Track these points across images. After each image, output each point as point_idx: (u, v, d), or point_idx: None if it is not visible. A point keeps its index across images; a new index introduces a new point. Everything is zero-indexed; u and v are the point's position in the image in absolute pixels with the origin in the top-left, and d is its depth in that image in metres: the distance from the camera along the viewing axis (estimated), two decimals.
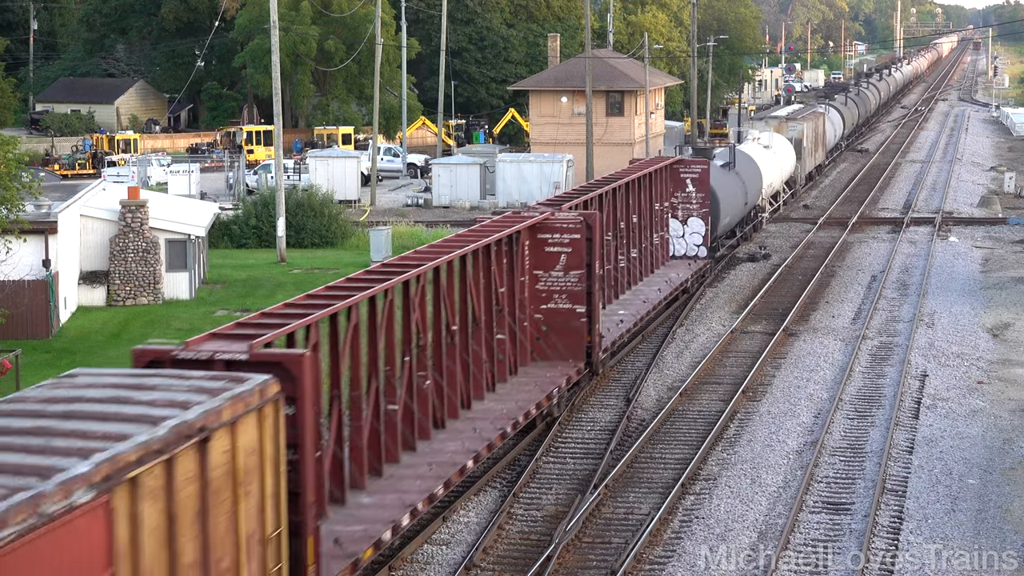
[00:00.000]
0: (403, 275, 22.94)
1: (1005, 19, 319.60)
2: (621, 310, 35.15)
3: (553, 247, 29.98)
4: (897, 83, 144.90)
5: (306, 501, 16.74)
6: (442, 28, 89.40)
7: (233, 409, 14.57)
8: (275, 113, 53.34)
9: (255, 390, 15.12)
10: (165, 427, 13.32)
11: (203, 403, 14.23)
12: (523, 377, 28.25)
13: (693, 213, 43.47)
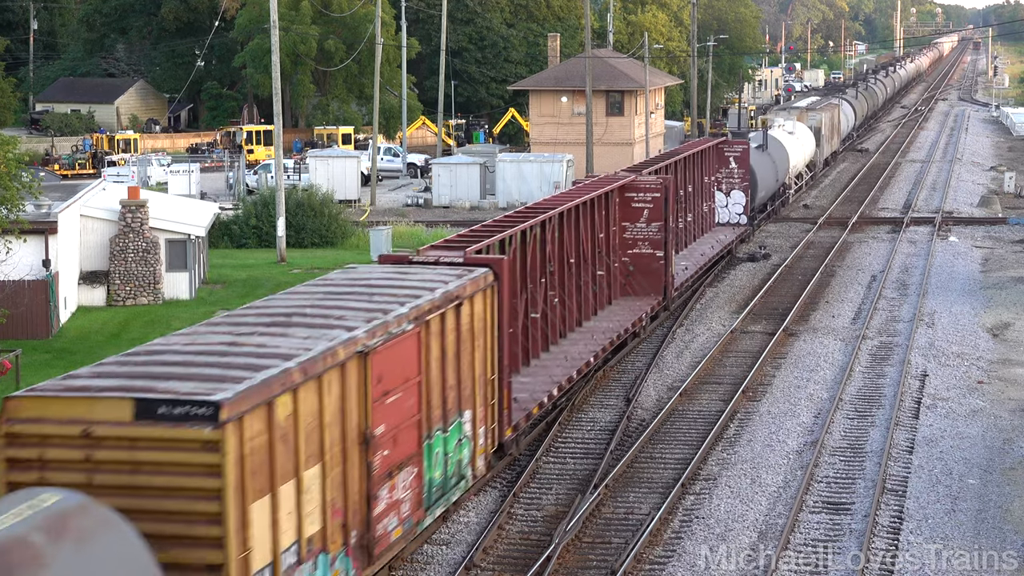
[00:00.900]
0: (540, 216, 29.99)
1: (1005, 19, 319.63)
2: (683, 262, 42.10)
3: (638, 204, 36.97)
4: (902, 79, 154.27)
5: (504, 361, 23.57)
6: (442, 28, 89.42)
7: (472, 287, 21.93)
8: (275, 113, 53.34)
9: (482, 277, 22.53)
10: (437, 294, 20.77)
11: (454, 282, 21.55)
12: (616, 307, 35.43)
13: (735, 186, 50.99)
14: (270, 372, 15.89)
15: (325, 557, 16.96)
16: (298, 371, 16.30)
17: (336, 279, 22.55)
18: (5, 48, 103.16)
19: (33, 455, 15.03)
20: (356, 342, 17.88)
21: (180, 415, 14.79)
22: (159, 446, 14.87)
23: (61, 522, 12.89)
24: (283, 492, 15.87)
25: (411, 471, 19.60)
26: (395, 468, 19.05)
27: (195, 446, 14.77)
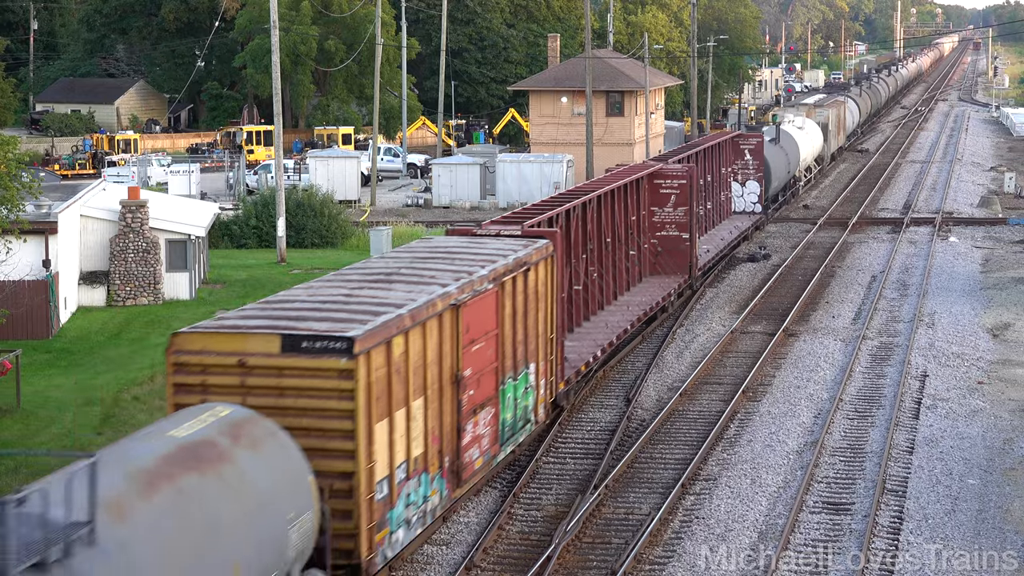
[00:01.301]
0: (581, 199, 33.22)
1: (1005, 19, 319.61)
2: (704, 246, 45.01)
3: (665, 190, 40.35)
4: (904, 78, 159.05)
5: (559, 321, 26.77)
6: (442, 28, 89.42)
7: (536, 255, 25.27)
8: (275, 113, 53.33)
9: (543, 247, 25.83)
10: (510, 259, 24.05)
11: (522, 250, 24.97)
12: (646, 284, 38.82)
13: (750, 177, 54.51)
14: (387, 316, 19.28)
15: (426, 476, 20.47)
16: (408, 317, 19.69)
17: (418, 247, 26.24)
18: (5, 48, 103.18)
19: (196, 381, 18.31)
20: (450, 296, 21.25)
21: (320, 348, 18.08)
22: (302, 374, 18.06)
23: (237, 429, 16.25)
24: (397, 417, 19.25)
25: (490, 411, 23.00)
26: (478, 407, 22.43)
27: (332, 374, 18.00)
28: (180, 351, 18.51)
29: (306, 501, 16.79)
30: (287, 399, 18.09)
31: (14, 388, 30.06)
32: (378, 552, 18.77)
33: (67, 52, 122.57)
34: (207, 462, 15.17)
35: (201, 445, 15.38)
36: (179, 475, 14.64)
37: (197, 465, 14.99)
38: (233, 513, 15.20)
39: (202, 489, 14.82)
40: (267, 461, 16.27)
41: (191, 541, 14.27)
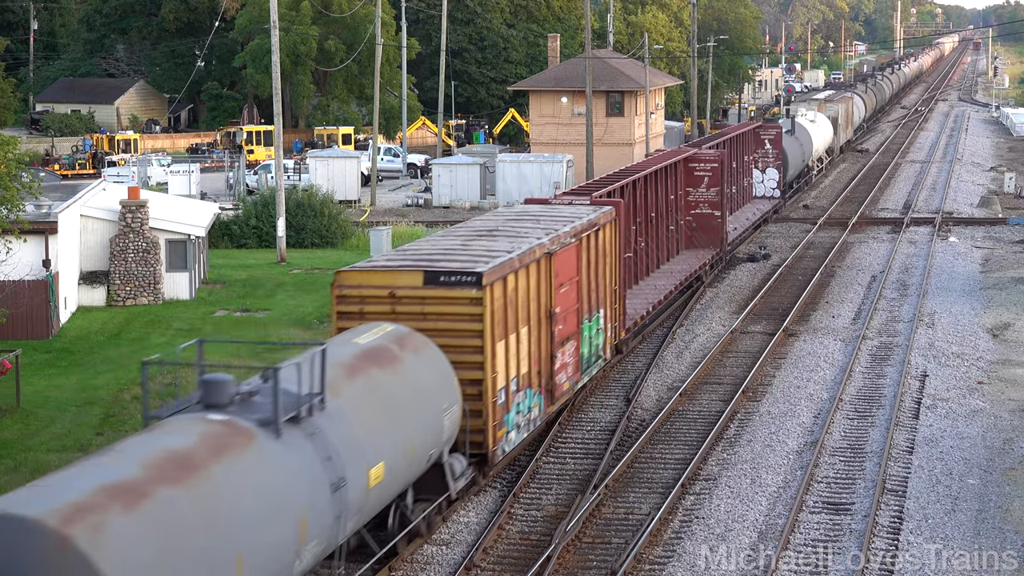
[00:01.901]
0: (630, 178, 37.98)
1: (1005, 19, 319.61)
2: (731, 224, 49.43)
3: (699, 172, 45.09)
4: (906, 77, 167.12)
5: (621, 276, 31.11)
6: (442, 28, 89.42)
7: (604, 218, 29.62)
8: (275, 113, 53.33)
9: (609, 212, 30.30)
10: (585, 220, 28.36)
11: (593, 214, 29.39)
12: (684, 255, 43.42)
13: (770, 165, 59.69)
14: (502, 259, 23.72)
15: (530, 391, 24.80)
16: (517, 260, 24.12)
17: (506, 211, 32.05)
18: (5, 48, 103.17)
19: (356, 308, 22.74)
20: (544, 247, 25.63)
21: (455, 281, 22.52)
22: (440, 302, 22.51)
23: (402, 340, 20.91)
24: (511, 339, 23.64)
25: (573, 344, 27.22)
26: (565, 339, 26.60)
27: (465, 301, 22.45)
28: (342, 286, 22.99)
29: (453, 397, 21.47)
30: (428, 322, 22.35)
31: (14, 388, 30.06)
32: (499, 446, 23.18)
33: (67, 52, 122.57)
34: (385, 361, 20.12)
35: (379, 349, 20.35)
36: (368, 368, 19.58)
37: (379, 362, 19.93)
38: (406, 398, 19.92)
39: (384, 379, 19.66)
40: (425, 363, 21.02)
41: (379, 414, 19.03)
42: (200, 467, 14.88)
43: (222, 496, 14.95)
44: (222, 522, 14.74)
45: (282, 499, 15.91)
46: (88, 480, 13.76)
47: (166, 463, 14.61)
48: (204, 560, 14.18)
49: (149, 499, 13.90)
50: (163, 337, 37.45)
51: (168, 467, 14.55)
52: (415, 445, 19.90)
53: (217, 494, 14.87)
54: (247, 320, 39.58)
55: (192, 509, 14.32)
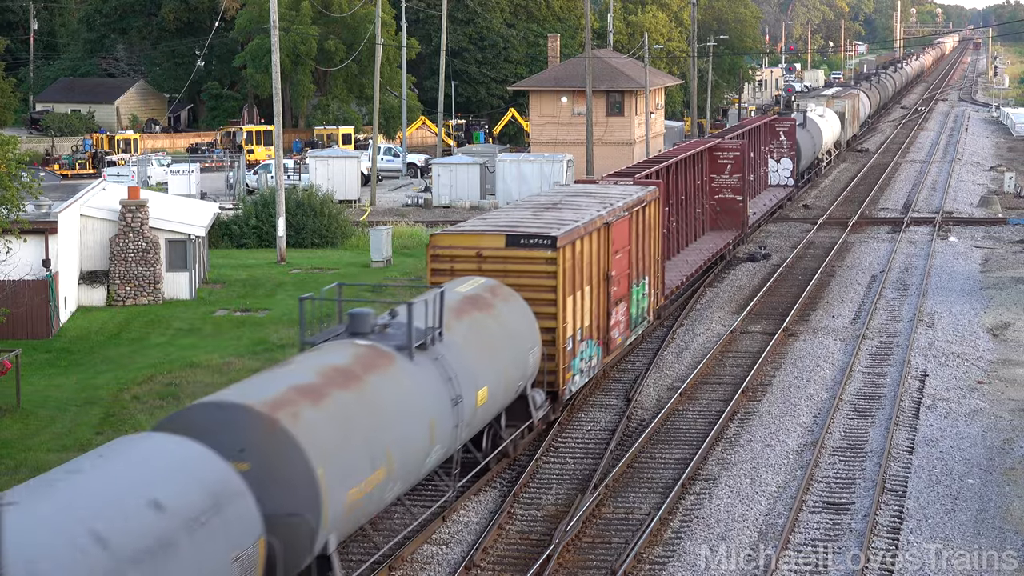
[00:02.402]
0: (665, 163, 42.29)
1: (1005, 19, 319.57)
2: (749, 210, 52.74)
3: (723, 160, 49.50)
4: (908, 75, 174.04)
5: (661, 249, 35.33)
6: (442, 28, 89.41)
7: (649, 196, 33.38)
8: (275, 113, 53.33)
9: (654, 190, 34.20)
10: (634, 197, 32.18)
11: (640, 192, 33.09)
12: (709, 236, 47.74)
13: (784, 155, 64.32)
14: (570, 226, 27.58)
15: (591, 342, 28.71)
16: (582, 228, 27.99)
17: (564, 189, 36.99)
18: (5, 48, 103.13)
19: (447, 266, 26.81)
20: (603, 218, 29.50)
21: (533, 243, 26.55)
22: (520, 261, 26.50)
23: (493, 290, 25.16)
24: (576, 296, 27.50)
25: (624, 305, 31.24)
26: (619, 300, 30.66)
27: (542, 261, 26.47)
28: (436, 246, 27.18)
29: (535, 339, 25.45)
30: (509, 278, 26.13)
31: (14, 388, 30.06)
32: (567, 386, 27.12)
33: (67, 52, 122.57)
34: (483, 306, 24.31)
35: (476, 297, 24.52)
36: (471, 311, 23.81)
37: (478, 307, 24.15)
38: (501, 336, 24.12)
39: (483, 320, 23.87)
40: (513, 310, 25.12)
41: (482, 348, 23.13)
42: (359, 377, 19.31)
43: (377, 400, 19.34)
44: (378, 419, 19.13)
45: (418, 407, 20.36)
46: (280, 383, 18.22)
47: (334, 373, 19.04)
48: (367, 447, 18.58)
49: (327, 398, 18.26)
50: (163, 337, 37.46)
51: (336, 376, 18.92)
52: (508, 376, 24.10)
53: (373, 398, 19.27)
54: (247, 320, 39.58)
55: (357, 407, 18.75)
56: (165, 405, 29.34)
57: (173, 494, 14.84)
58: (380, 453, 18.86)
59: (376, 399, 19.36)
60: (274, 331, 37.49)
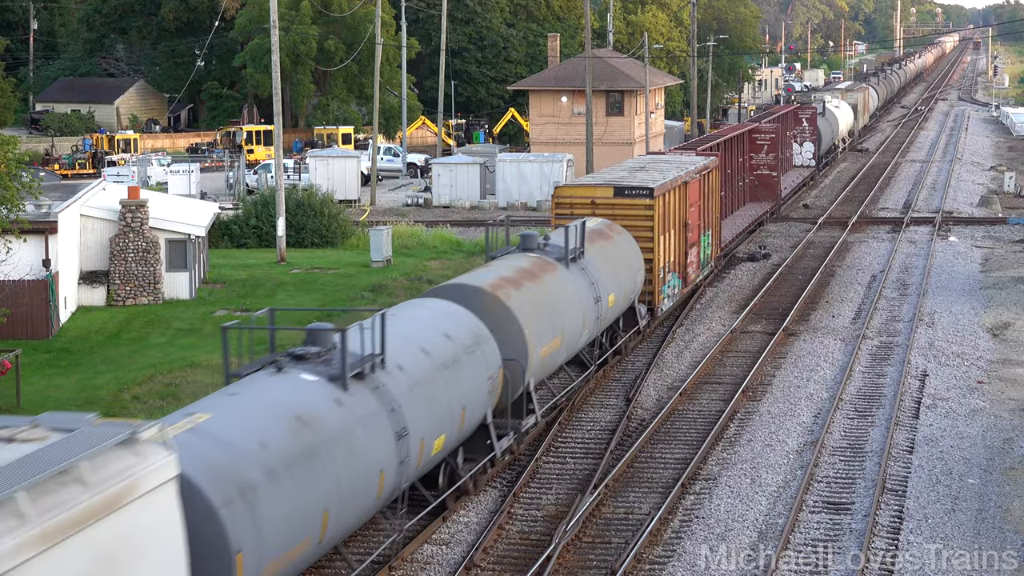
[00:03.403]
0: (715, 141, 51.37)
1: (1005, 19, 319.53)
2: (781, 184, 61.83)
3: (760, 141, 59.42)
4: (912, 72, 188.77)
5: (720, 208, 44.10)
6: (442, 28, 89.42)
7: (711, 164, 41.91)
8: (275, 113, 53.33)
9: (715, 160, 43.15)
10: (701, 164, 40.55)
11: (705, 160, 42.03)
12: (749, 206, 57.24)
13: (806, 139, 73.22)
14: (660, 182, 35.42)
15: (674, 274, 36.65)
16: (668, 184, 35.85)
17: (646, 157, 45.56)
18: (5, 48, 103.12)
19: (567, 211, 34.55)
20: (682, 177, 37.52)
21: (635, 193, 34.48)
22: (625, 207, 34.46)
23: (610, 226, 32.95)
24: (665, 237, 35.39)
25: (696, 249, 39.43)
26: (692, 244, 38.84)
27: (642, 207, 34.37)
28: (559, 196, 35.63)
29: (640, 265, 33.47)
30: (616, 221, 33.77)
31: (14, 388, 30.07)
32: (659, 306, 35.38)
33: (67, 52, 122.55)
34: (605, 236, 32.09)
35: (599, 230, 32.06)
36: (598, 239, 31.28)
37: (603, 236, 31.92)
38: (619, 257, 31.90)
39: (607, 245, 31.66)
40: (625, 241, 33.09)
41: (609, 264, 30.86)
42: (537, 275, 27.17)
43: (550, 291, 27.12)
44: (553, 304, 26.96)
45: (574, 301, 28.13)
46: (492, 275, 26.17)
47: (522, 271, 26.97)
48: (549, 321, 26.31)
49: (523, 286, 26.17)
50: (163, 337, 37.47)
51: (524, 273, 26.93)
52: (625, 288, 31.91)
53: (548, 289, 27.11)
54: (247, 320, 39.52)
55: (540, 294, 26.51)
56: (165, 405, 29.34)
57: (454, 331, 22.61)
58: (557, 327, 26.72)
59: (550, 290, 27.15)
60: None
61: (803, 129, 72.67)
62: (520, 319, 24.63)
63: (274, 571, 15.74)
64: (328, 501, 16.99)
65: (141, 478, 12.57)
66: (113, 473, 12.20)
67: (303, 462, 16.56)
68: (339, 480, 17.30)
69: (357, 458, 17.96)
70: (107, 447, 12.32)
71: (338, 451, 17.47)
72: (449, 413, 21.41)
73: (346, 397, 18.26)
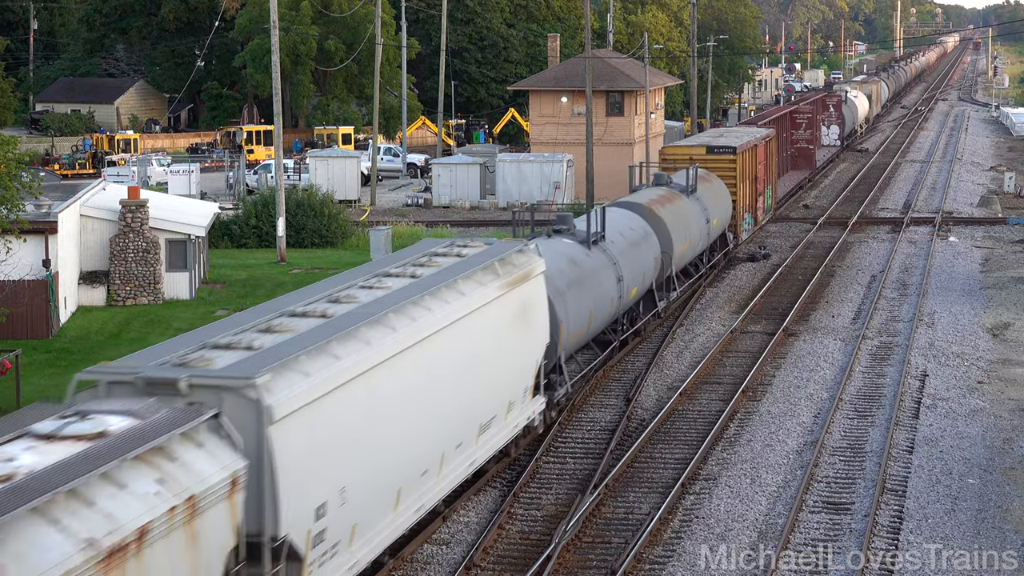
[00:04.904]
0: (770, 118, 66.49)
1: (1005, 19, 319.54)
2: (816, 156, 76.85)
3: (799, 120, 74.72)
4: (917, 68, 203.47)
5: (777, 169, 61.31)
6: (442, 28, 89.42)
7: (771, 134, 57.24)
8: (275, 113, 53.34)
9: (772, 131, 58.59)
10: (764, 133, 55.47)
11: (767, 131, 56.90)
12: (790, 173, 70.64)
13: (833, 123, 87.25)
14: (739, 144, 48.02)
15: (748, 214, 49.43)
16: (744, 145, 48.53)
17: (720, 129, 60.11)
18: (5, 48, 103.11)
19: (670, 165, 46.43)
20: (752, 141, 49.82)
21: (721, 152, 47.43)
22: (714, 161, 46.79)
23: (707, 174, 44.36)
24: (743, 185, 47.97)
25: (761, 199, 51.95)
26: (759, 194, 51.41)
27: (727, 161, 47.13)
28: (664, 153, 48.61)
29: (729, 203, 45.14)
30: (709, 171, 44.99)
31: (14, 387, 30.06)
32: (740, 236, 48.14)
33: (67, 52, 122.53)
34: (707, 180, 42.76)
35: (704, 175, 43.01)
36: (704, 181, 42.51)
37: (705, 180, 42.66)
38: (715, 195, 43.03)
39: (708, 185, 42.85)
40: (719, 185, 44.20)
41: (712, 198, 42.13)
42: (671, 200, 38.59)
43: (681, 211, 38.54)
44: (684, 220, 38.41)
45: (695, 220, 40.01)
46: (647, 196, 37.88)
47: (662, 196, 38.18)
48: (683, 230, 37.79)
49: (666, 205, 37.65)
50: (163, 337, 37.42)
51: (663, 198, 37.84)
52: (722, 217, 44.09)
53: (681, 210, 38.62)
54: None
55: (677, 212, 37.89)
56: None
57: (635, 226, 34.53)
58: (689, 235, 38.73)
59: (679, 210, 38.40)
60: None
61: (830, 114, 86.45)
62: (668, 224, 36.48)
63: (573, 339, 27.99)
64: (591, 307, 29.10)
65: (533, 267, 24.64)
66: (523, 262, 24.44)
67: (577, 283, 28.54)
68: (594, 297, 29.45)
69: (601, 287, 30.11)
70: (516, 249, 24.66)
71: (592, 281, 29.55)
72: (640, 273, 33.51)
73: (590, 252, 30.33)
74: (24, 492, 12.28)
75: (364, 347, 17.73)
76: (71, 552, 12.16)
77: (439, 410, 20.08)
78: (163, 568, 13.33)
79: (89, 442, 13.70)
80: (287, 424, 15.64)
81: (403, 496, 19.01)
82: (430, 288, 20.60)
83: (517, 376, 23.72)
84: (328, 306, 19.23)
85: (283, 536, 15.51)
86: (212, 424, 14.90)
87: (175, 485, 13.71)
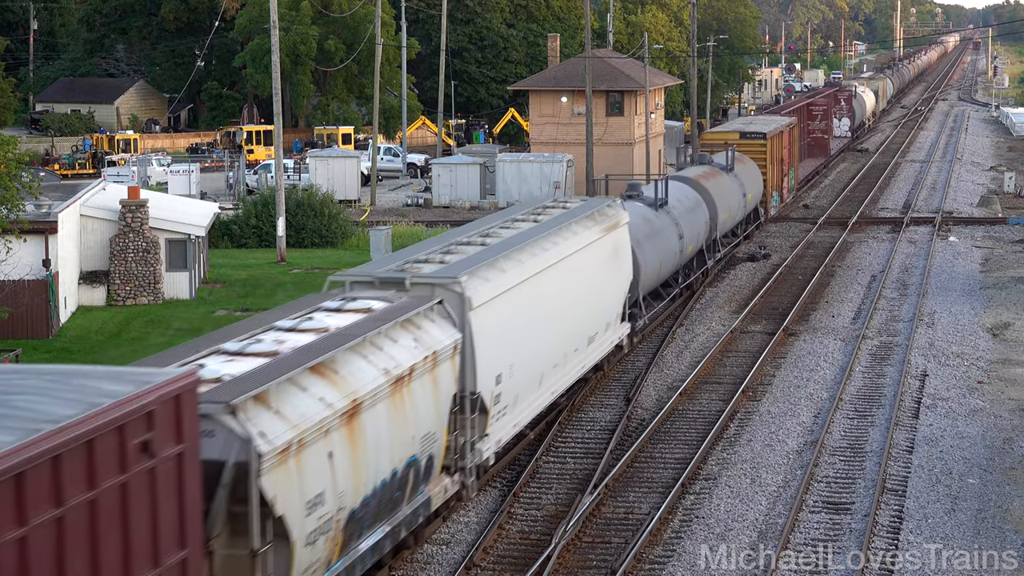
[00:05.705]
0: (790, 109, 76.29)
1: (1005, 19, 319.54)
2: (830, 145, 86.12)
3: (815, 112, 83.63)
4: (919, 67, 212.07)
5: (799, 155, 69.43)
6: (442, 28, 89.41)
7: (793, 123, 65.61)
8: (275, 113, 53.34)
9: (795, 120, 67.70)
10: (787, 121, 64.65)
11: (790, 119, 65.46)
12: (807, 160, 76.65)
13: (844, 115, 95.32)
14: (770, 129, 57.36)
15: (776, 191, 57.65)
16: (773, 131, 57.25)
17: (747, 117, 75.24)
18: (5, 48, 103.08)
19: (708, 148, 52.82)
20: (779, 128, 58.66)
21: (753, 137, 55.59)
22: (747, 146, 54.17)
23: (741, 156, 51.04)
24: (771, 166, 55.82)
25: (787, 179, 60.78)
26: (785, 175, 60.12)
27: (758, 145, 54.97)
28: (703, 139, 57.40)
29: (760, 181, 52.65)
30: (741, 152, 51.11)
31: None
32: (769, 212, 56.00)
33: (67, 52, 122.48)
34: (742, 160, 50.36)
35: (740, 156, 50.56)
36: (739, 163, 49.54)
37: (740, 161, 49.76)
38: (750, 174, 50.61)
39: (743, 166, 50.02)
40: (752, 165, 51.64)
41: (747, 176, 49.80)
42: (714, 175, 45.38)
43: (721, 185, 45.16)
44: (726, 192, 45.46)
45: (735, 193, 46.98)
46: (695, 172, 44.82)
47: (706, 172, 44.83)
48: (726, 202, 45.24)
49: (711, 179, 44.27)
50: (163, 337, 37.45)
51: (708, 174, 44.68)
52: (755, 193, 50.28)
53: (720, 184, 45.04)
54: None
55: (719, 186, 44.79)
56: None
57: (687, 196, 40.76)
58: (729, 206, 44.88)
59: (720, 185, 44.63)
60: None
61: (841, 107, 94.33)
62: (713, 195, 42.89)
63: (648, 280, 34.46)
64: (661, 258, 35.55)
65: (619, 219, 30.83)
66: (613, 214, 30.57)
67: (650, 237, 34.93)
68: (662, 250, 35.64)
69: (667, 243, 36.49)
70: (607, 204, 31.24)
71: (660, 236, 35.95)
72: (695, 234, 39.87)
73: (657, 214, 36.82)
74: (338, 337, 18.48)
75: (518, 265, 24.01)
76: (376, 375, 18.31)
77: (565, 319, 26.42)
78: (421, 396, 19.53)
79: (363, 314, 19.98)
80: (480, 312, 21.76)
81: (543, 380, 25.18)
82: (553, 228, 27.15)
83: (612, 303, 30.26)
84: (483, 239, 25.88)
85: (478, 392, 21.62)
86: (438, 308, 21.06)
87: (425, 343, 19.89)
